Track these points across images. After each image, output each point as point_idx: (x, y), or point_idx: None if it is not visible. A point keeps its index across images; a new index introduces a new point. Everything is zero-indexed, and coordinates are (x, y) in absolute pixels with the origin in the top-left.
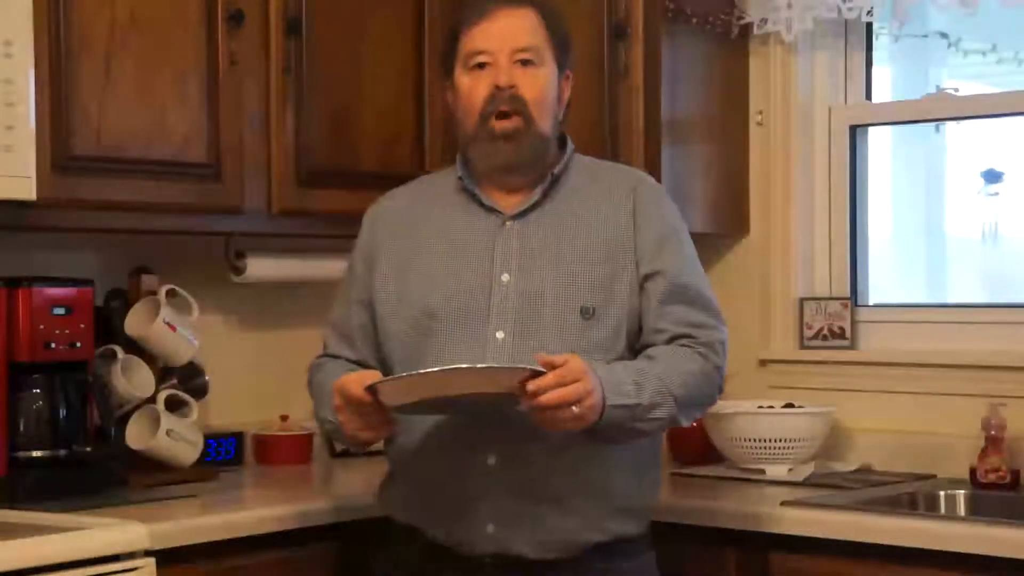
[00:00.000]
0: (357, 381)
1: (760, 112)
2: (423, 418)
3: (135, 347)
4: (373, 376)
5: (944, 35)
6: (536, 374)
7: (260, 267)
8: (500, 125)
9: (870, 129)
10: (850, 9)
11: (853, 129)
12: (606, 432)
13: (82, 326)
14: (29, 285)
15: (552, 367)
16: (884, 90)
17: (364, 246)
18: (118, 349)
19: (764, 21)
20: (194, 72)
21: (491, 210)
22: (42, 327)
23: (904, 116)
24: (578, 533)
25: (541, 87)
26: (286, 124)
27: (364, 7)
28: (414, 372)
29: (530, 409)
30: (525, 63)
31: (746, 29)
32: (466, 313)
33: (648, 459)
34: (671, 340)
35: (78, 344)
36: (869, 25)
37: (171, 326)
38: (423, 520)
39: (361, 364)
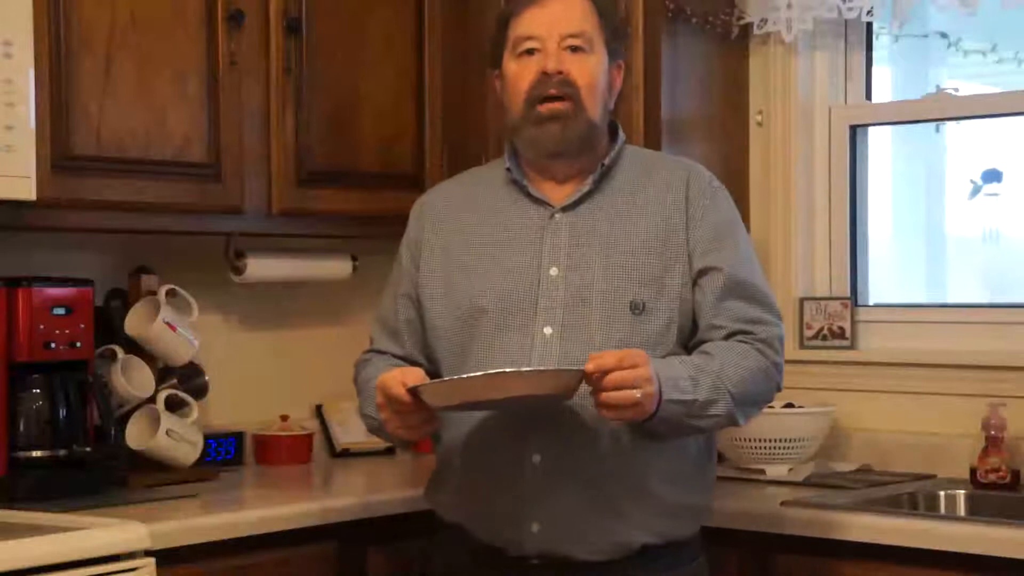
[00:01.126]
0: (398, 379)
1: (760, 112)
2: (469, 416)
3: (135, 347)
4: (414, 374)
5: (944, 35)
6: (584, 376)
7: (260, 267)
8: (547, 106)
9: (870, 129)
10: (850, 9)
11: (853, 129)
12: (660, 427)
13: (82, 326)
14: (29, 285)
15: (600, 370)
16: (884, 90)
17: (411, 239)
18: (118, 349)
19: (764, 21)
20: (194, 72)
21: (540, 202)
22: (42, 327)
23: (904, 116)
24: (627, 534)
25: (591, 73)
26: (286, 124)
27: (364, 7)
28: (458, 376)
29: (592, 394)
30: (575, 49)
31: (746, 29)
32: (513, 308)
33: (702, 458)
34: (728, 336)
35: (78, 344)
36: (869, 25)
37: (171, 326)
38: (469, 520)
39: (407, 360)
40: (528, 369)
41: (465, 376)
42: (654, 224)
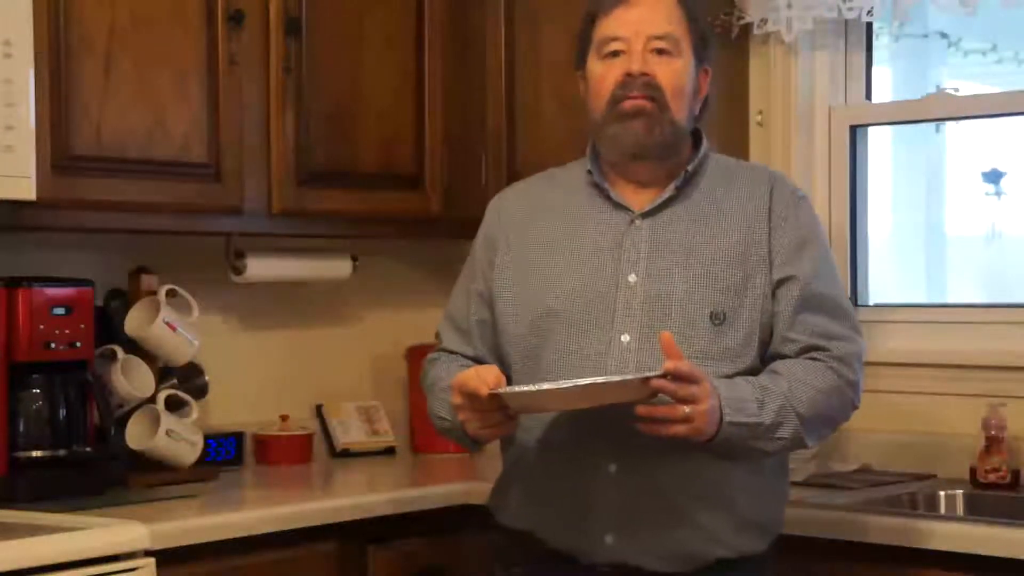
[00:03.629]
0: (479, 378)
1: (760, 112)
2: (542, 420)
3: (135, 347)
4: (493, 373)
5: (944, 35)
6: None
7: (260, 267)
8: (631, 102)
9: (870, 129)
10: (850, 9)
11: (853, 129)
12: (723, 449)
13: (82, 326)
14: (29, 285)
15: (678, 372)
16: (884, 90)
17: (487, 237)
18: (118, 349)
19: (764, 21)
20: (194, 72)
21: (620, 207)
22: (42, 327)
23: (904, 116)
24: (701, 547)
25: (677, 76)
26: (286, 124)
27: (364, 7)
28: (542, 386)
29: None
30: (661, 52)
31: (746, 29)
32: (589, 314)
33: (777, 472)
34: (802, 351)
35: (78, 344)
36: (869, 25)
37: (171, 326)
38: (540, 526)
39: (478, 361)
40: (618, 378)
41: (550, 386)
42: (736, 233)
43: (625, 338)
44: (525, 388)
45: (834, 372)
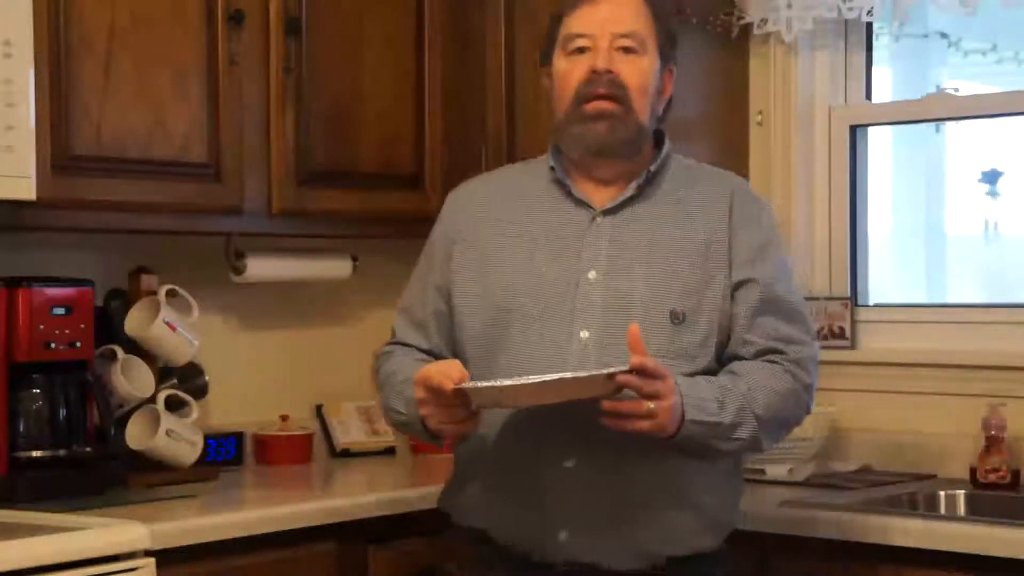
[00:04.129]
0: (443, 373)
1: (760, 112)
2: (497, 415)
3: (135, 347)
4: (457, 368)
5: (944, 35)
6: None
7: (260, 267)
8: (595, 105)
9: (870, 129)
10: (850, 9)
11: (853, 129)
12: (682, 447)
13: (82, 326)
14: (29, 285)
15: (642, 367)
16: (884, 90)
17: (445, 229)
18: (118, 349)
19: (764, 21)
20: (194, 72)
21: (582, 203)
22: (42, 327)
23: (904, 116)
24: (657, 544)
25: (642, 74)
26: (286, 124)
27: (364, 7)
28: (508, 382)
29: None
30: (627, 50)
31: (746, 29)
32: (548, 310)
33: (732, 470)
34: (759, 353)
35: (78, 344)
36: (869, 25)
37: (171, 326)
38: (493, 524)
39: (433, 354)
40: (585, 374)
41: (518, 382)
42: (697, 235)
43: (584, 334)
44: (490, 383)
45: (791, 375)
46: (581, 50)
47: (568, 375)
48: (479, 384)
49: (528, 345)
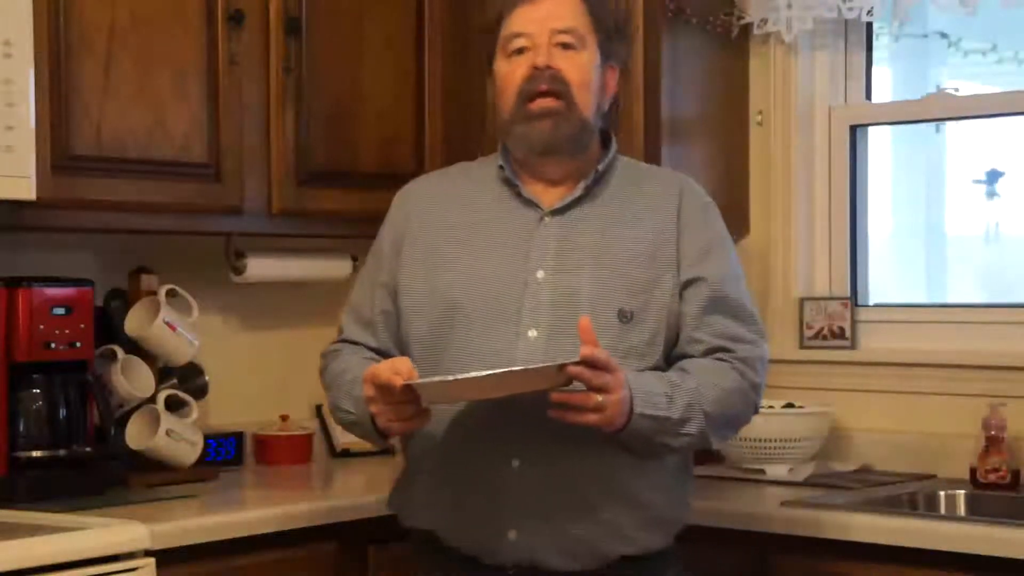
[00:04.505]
0: (392, 369)
1: (760, 112)
2: (445, 416)
3: (135, 347)
4: (406, 364)
5: (944, 35)
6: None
7: (260, 267)
8: (539, 103)
9: (870, 129)
10: (850, 9)
11: (853, 129)
12: (631, 442)
13: (82, 326)
14: (29, 285)
15: (594, 359)
16: (884, 90)
17: (393, 228)
18: (118, 349)
19: (764, 21)
20: (194, 72)
21: (530, 203)
22: (42, 327)
23: (904, 116)
24: (606, 543)
25: (582, 69)
26: (286, 124)
27: (364, 7)
28: (458, 376)
29: (552, 392)
30: (566, 47)
31: (746, 29)
32: (496, 310)
33: (681, 470)
34: (708, 352)
35: (78, 344)
36: (869, 25)
37: (171, 326)
38: (441, 525)
39: (381, 352)
40: (534, 366)
41: (469, 376)
42: (645, 235)
43: (532, 334)
44: (440, 378)
45: (739, 373)
46: (521, 51)
47: (518, 368)
48: (429, 380)
49: (475, 344)
